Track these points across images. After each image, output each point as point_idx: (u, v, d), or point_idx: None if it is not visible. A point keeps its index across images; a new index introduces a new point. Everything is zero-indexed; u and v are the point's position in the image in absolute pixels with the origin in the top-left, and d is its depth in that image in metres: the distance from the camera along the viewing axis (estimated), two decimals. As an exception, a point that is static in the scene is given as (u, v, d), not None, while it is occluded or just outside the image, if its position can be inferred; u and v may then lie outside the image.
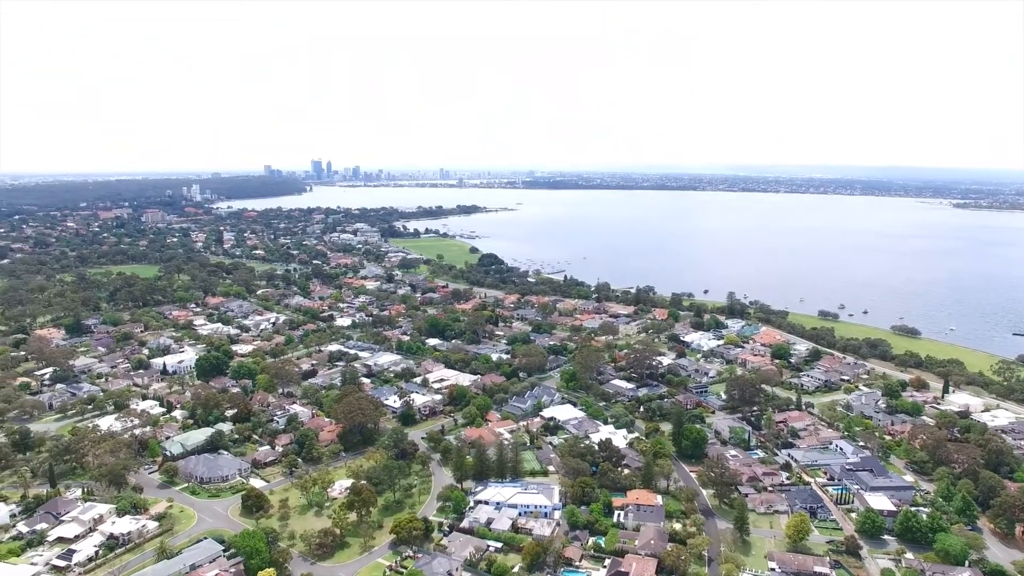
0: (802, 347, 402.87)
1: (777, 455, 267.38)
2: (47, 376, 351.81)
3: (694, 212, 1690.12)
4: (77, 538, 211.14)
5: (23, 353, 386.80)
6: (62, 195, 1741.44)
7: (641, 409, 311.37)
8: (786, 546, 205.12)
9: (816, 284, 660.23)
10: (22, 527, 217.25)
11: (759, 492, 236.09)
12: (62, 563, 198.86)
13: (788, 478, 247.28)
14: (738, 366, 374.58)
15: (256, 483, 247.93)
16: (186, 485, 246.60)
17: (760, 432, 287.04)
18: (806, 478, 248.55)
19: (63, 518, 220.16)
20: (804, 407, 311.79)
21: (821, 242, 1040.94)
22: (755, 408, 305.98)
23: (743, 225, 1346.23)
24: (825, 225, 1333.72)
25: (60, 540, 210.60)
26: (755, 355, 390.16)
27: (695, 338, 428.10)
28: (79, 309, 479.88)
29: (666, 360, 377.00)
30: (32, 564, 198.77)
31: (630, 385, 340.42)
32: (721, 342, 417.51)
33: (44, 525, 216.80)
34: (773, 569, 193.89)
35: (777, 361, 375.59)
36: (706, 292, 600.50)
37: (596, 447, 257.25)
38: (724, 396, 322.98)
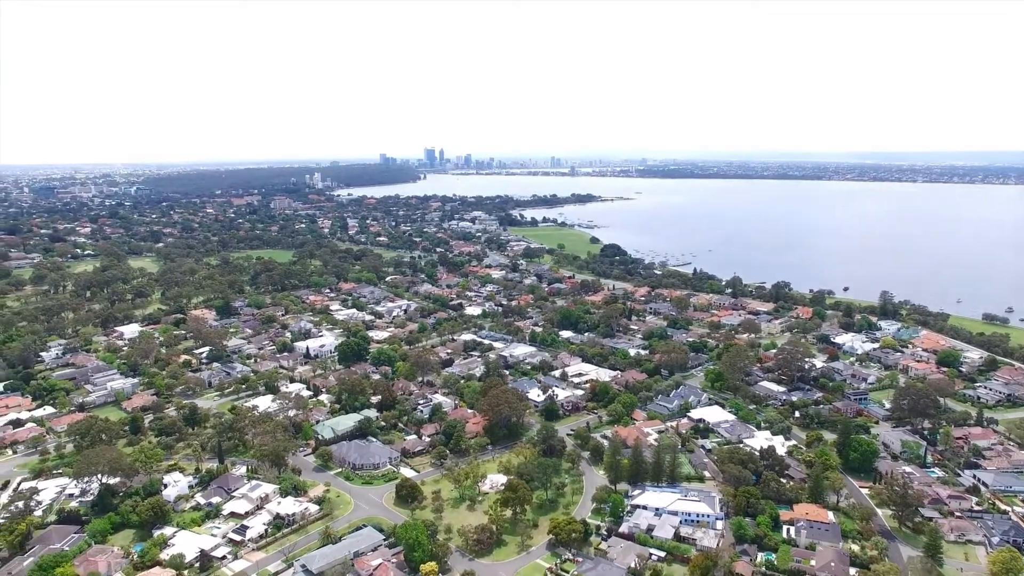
0: (973, 355, 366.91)
1: (960, 476, 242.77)
2: (204, 355, 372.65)
3: (821, 202, 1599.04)
4: (247, 514, 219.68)
5: (182, 332, 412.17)
6: (200, 183, 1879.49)
7: (796, 415, 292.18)
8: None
9: (973, 284, 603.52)
10: (199, 499, 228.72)
11: (945, 517, 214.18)
12: (237, 537, 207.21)
13: (978, 503, 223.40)
14: (899, 372, 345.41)
15: (406, 472, 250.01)
16: (340, 470, 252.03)
17: (936, 449, 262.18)
18: (1001, 506, 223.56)
19: (234, 494, 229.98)
20: (987, 423, 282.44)
21: (972, 237, 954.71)
22: (928, 421, 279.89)
23: (877, 217, 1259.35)
24: (974, 217, 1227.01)
25: (233, 515, 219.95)
26: (918, 361, 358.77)
27: (846, 340, 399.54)
28: (227, 291, 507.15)
29: (818, 363, 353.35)
30: (212, 535, 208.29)
31: (780, 388, 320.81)
32: (876, 345, 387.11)
33: (218, 499, 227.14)
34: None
35: (945, 369, 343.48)
36: (846, 290, 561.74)
37: (757, 454, 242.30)
38: (888, 405, 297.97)
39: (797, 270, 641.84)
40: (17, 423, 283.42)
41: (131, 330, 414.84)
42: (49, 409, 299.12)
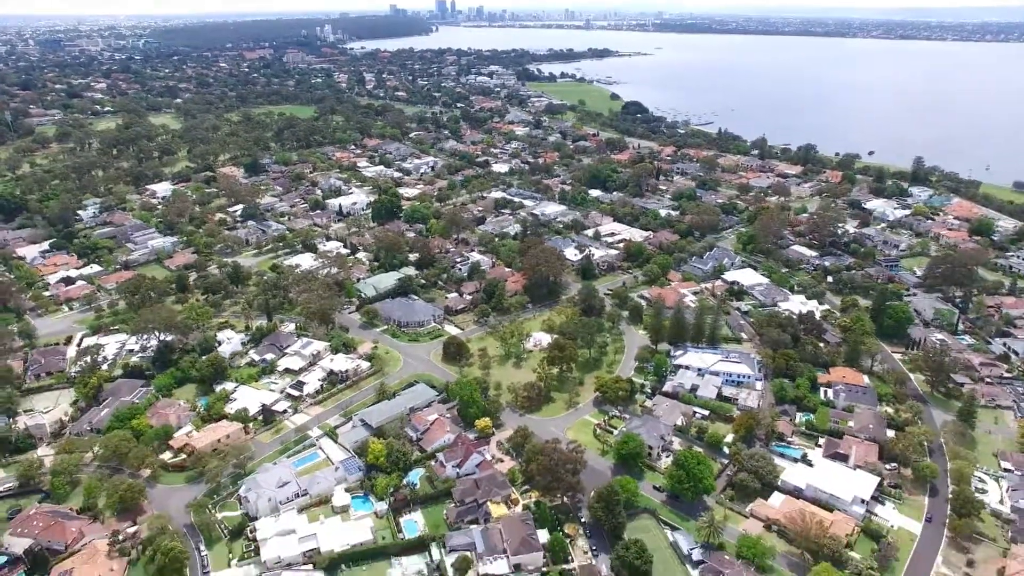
0: (1007, 224, 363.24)
1: (991, 344, 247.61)
2: (238, 213, 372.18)
3: (846, 62, 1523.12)
4: (301, 371, 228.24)
5: (214, 190, 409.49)
6: (208, 35, 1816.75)
7: (828, 280, 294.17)
8: (1019, 447, 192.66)
9: (1003, 149, 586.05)
10: (254, 355, 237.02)
11: (976, 383, 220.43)
12: (295, 392, 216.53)
13: (1008, 371, 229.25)
14: (930, 240, 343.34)
15: (450, 330, 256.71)
16: (385, 328, 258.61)
17: (967, 317, 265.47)
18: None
19: (286, 351, 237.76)
20: (1019, 292, 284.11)
21: (1003, 100, 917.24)
22: (959, 290, 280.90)
23: (905, 78, 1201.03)
24: (1007, 79, 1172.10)
25: (288, 371, 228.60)
26: (950, 229, 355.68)
27: (877, 206, 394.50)
28: (253, 149, 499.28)
29: (849, 228, 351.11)
30: (271, 391, 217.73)
31: (812, 253, 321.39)
32: (908, 212, 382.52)
33: (271, 356, 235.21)
34: (1008, 470, 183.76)
35: (977, 238, 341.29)
36: (871, 153, 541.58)
37: (796, 318, 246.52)
38: (919, 273, 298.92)
39: (821, 131, 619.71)
40: (68, 280, 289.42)
41: (163, 188, 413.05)
42: (96, 267, 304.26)
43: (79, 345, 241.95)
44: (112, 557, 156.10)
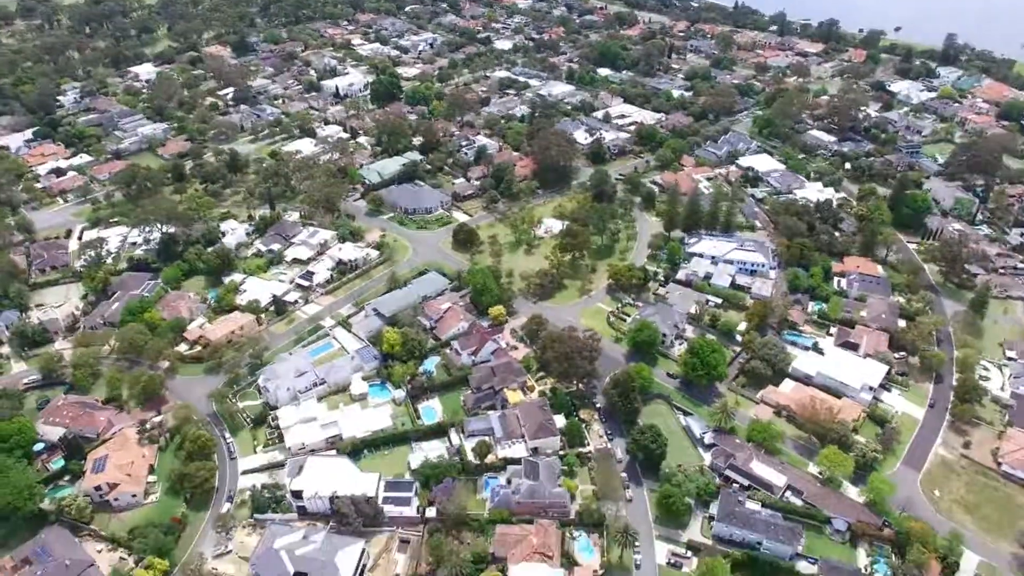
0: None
1: (1007, 234, 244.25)
2: (230, 97, 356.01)
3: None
4: (310, 260, 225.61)
5: (201, 72, 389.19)
6: None
7: (846, 167, 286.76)
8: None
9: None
10: (259, 245, 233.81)
11: (989, 274, 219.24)
12: (305, 283, 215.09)
13: (1023, 261, 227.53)
14: (956, 125, 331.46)
15: (459, 217, 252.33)
16: (392, 215, 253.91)
17: (987, 206, 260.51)
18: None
19: (293, 240, 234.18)
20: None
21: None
22: (981, 178, 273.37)
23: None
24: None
25: (296, 261, 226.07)
26: (977, 114, 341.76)
27: (902, 88, 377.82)
28: (238, 25, 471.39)
29: (871, 112, 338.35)
30: (280, 281, 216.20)
31: (831, 138, 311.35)
32: (934, 95, 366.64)
33: (277, 246, 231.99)
34: (1011, 359, 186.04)
35: (1006, 123, 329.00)
36: (898, 30, 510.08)
37: (812, 206, 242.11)
38: (940, 160, 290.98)
39: (845, 4, 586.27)
40: (59, 172, 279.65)
41: (146, 71, 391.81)
42: (85, 157, 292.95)
43: (80, 239, 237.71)
44: (142, 444, 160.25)
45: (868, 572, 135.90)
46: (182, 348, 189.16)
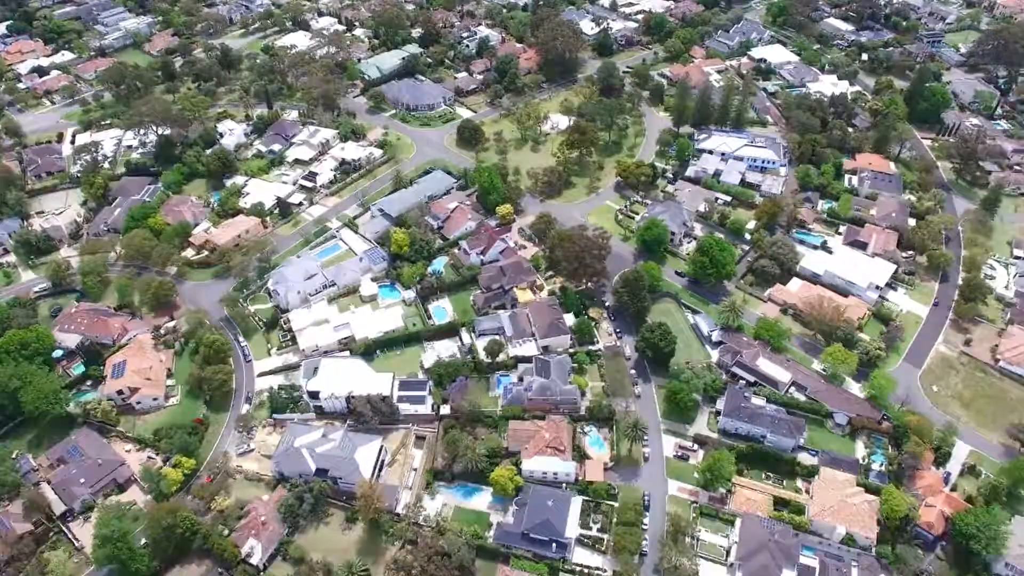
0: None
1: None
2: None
3: None
4: (312, 161, 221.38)
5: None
6: None
7: (863, 58, 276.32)
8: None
9: None
10: (259, 146, 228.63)
11: (1003, 170, 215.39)
12: (309, 184, 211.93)
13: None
14: (983, 11, 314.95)
15: (463, 113, 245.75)
16: (394, 112, 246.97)
17: (1007, 99, 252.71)
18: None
19: (293, 140, 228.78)
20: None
21: None
22: (1004, 69, 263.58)
23: None
24: None
25: (298, 161, 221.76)
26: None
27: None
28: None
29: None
30: (283, 183, 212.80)
31: (848, 27, 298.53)
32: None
33: (278, 146, 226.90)
34: (1019, 257, 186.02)
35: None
36: None
37: (825, 100, 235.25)
38: (963, 50, 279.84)
39: None
40: (41, 71, 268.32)
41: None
42: (67, 55, 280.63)
43: (73, 142, 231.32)
44: (158, 350, 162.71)
45: (866, 463, 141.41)
46: (189, 253, 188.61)
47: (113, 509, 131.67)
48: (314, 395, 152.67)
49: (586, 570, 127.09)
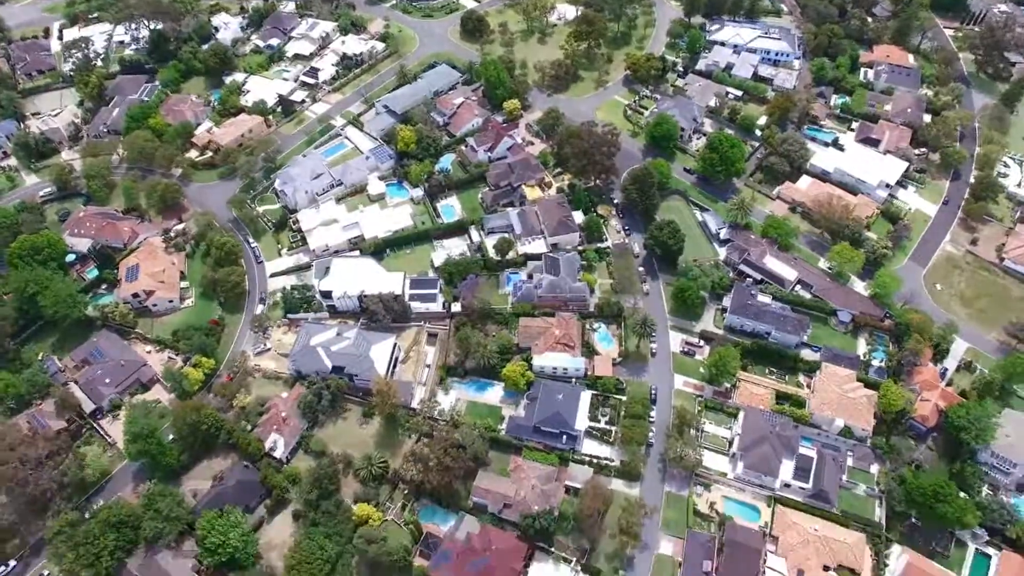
0: None
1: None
2: None
3: None
4: (312, 56, 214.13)
5: None
6: None
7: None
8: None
9: None
10: (257, 41, 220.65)
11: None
12: (310, 80, 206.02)
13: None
14: None
15: (466, 3, 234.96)
16: (395, 3, 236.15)
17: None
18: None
19: (292, 34, 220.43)
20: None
21: None
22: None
23: None
24: None
25: (297, 56, 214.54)
26: None
27: None
28: None
29: None
30: (283, 80, 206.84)
31: None
32: None
33: (276, 40, 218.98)
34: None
35: None
36: None
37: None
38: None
39: None
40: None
41: None
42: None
43: (60, 38, 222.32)
44: (169, 252, 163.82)
45: (866, 359, 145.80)
46: (192, 154, 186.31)
47: (140, 407, 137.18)
48: (327, 295, 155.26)
49: (595, 460, 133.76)
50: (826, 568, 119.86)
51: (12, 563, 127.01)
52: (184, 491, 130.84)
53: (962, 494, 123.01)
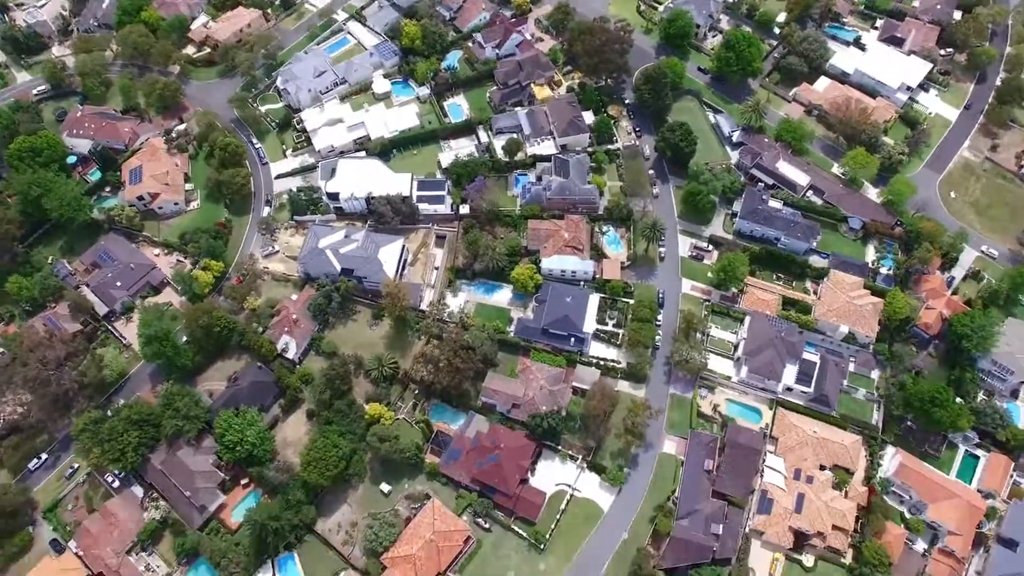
0: None
1: None
2: None
3: None
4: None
5: None
6: None
7: None
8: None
9: None
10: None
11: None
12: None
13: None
14: None
15: None
16: None
17: None
18: None
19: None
20: None
21: None
22: None
23: None
24: None
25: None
26: None
27: None
28: None
29: None
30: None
31: None
32: None
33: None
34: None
35: None
36: None
37: None
38: None
39: None
40: None
41: None
42: None
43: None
44: (172, 154, 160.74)
45: (875, 266, 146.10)
46: (189, 51, 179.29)
47: (152, 310, 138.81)
48: (333, 196, 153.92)
49: (602, 362, 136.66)
50: (822, 467, 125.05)
51: (44, 456, 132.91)
52: (200, 391, 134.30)
53: (958, 400, 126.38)
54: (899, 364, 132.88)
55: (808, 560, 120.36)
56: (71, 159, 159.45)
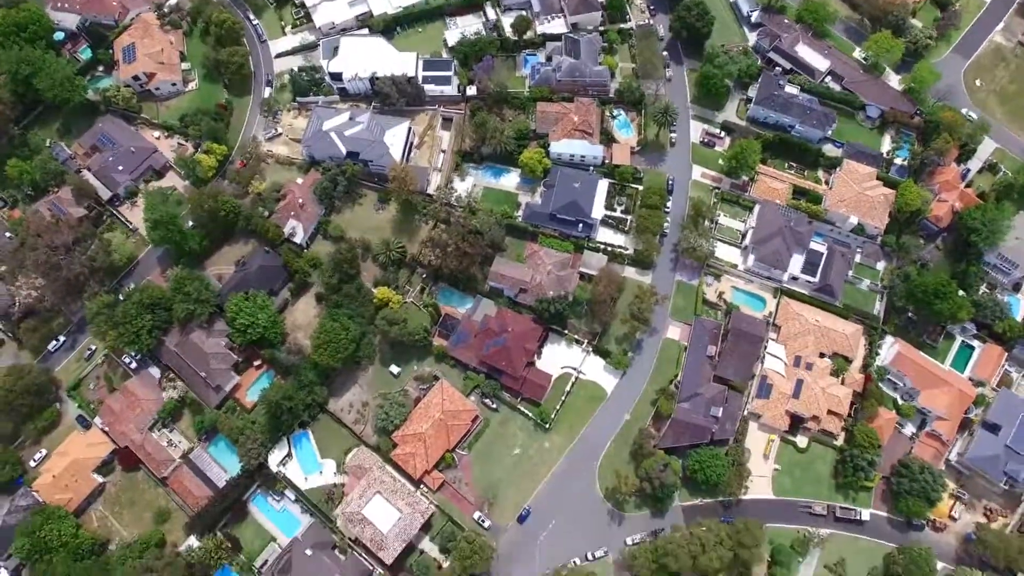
0: None
1: None
2: None
3: None
4: None
5: None
6: None
7: None
8: None
9: None
10: None
11: None
12: None
13: None
14: None
15: None
16: None
17: None
18: None
19: None
20: None
21: None
22: None
23: None
24: None
25: None
26: None
27: None
28: None
29: None
30: None
31: None
32: None
33: None
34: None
35: None
36: None
37: None
38: None
39: None
40: None
41: None
42: None
43: None
44: (165, 30, 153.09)
45: (890, 156, 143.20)
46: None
47: (157, 194, 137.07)
48: (336, 76, 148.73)
49: (609, 248, 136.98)
50: (822, 355, 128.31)
51: (62, 338, 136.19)
52: (209, 275, 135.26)
53: (961, 292, 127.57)
54: (906, 256, 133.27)
55: (802, 441, 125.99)
56: (58, 36, 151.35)
